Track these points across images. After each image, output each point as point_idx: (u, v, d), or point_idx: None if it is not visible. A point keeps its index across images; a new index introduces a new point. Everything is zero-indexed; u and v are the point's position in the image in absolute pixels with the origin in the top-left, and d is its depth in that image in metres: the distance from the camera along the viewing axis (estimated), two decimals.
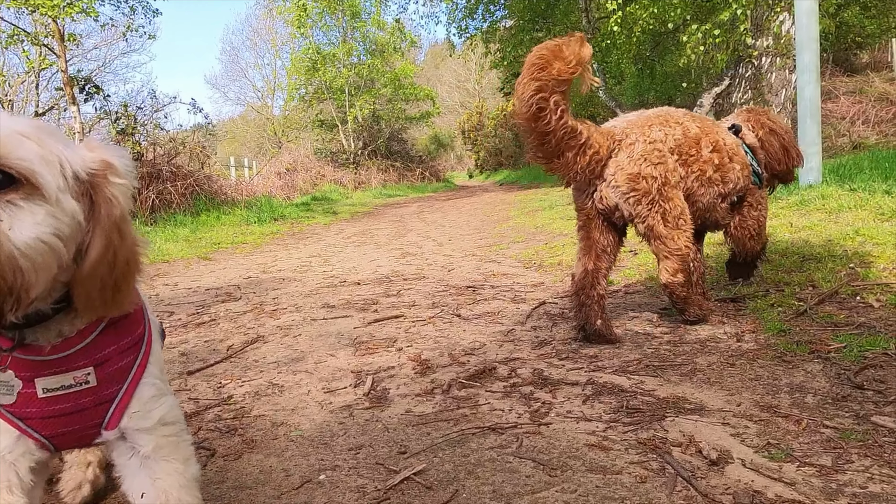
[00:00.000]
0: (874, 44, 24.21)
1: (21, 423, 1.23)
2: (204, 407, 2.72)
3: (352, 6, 28.08)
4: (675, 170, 3.14)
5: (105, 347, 1.26)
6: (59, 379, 1.22)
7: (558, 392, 2.56)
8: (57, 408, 1.23)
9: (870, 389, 2.31)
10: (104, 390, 1.27)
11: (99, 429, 1.29)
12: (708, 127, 3.35)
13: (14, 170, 1.00)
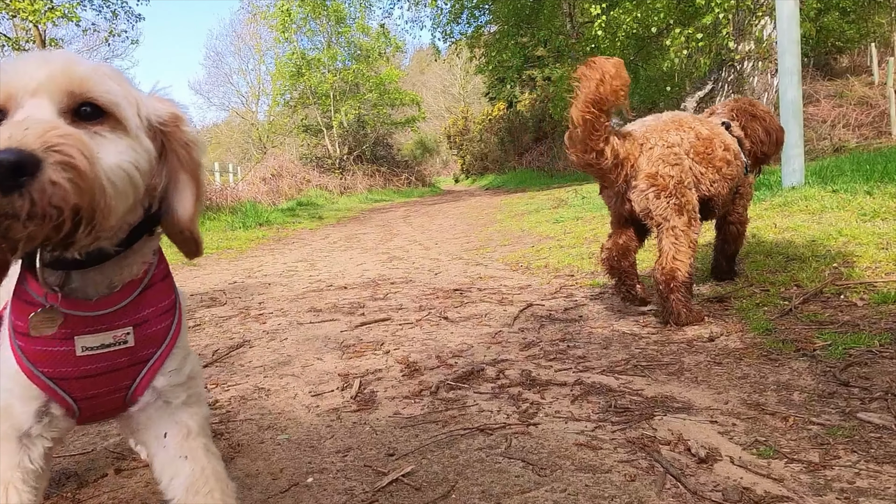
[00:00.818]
0: (853, 48, 24.54)
1: (54, 384, 1.22)
2: None
3: (336, 11, 28.07)
4: (691, 170, 3.41)
5: (144, 308, 1.29)
6: (100, 337, 1.24)
7: (546, 392, 2.56)
8: (93, 367, 1.24)
9: (855, 386, 2.32)
10: (140, 351, 1.29)
11: (125, 394, 1.31)
12: (715, 128, 3.62)
13: (101, 103, 1.07)
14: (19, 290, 1.22)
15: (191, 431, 1.37)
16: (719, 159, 3.51)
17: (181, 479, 1.34)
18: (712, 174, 3.49)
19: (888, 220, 4.84)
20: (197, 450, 1.36)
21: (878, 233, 4.50)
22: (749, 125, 3.91)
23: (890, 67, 19.50)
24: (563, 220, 9.04)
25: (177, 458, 1.35)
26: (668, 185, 3.30)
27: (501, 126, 31.87)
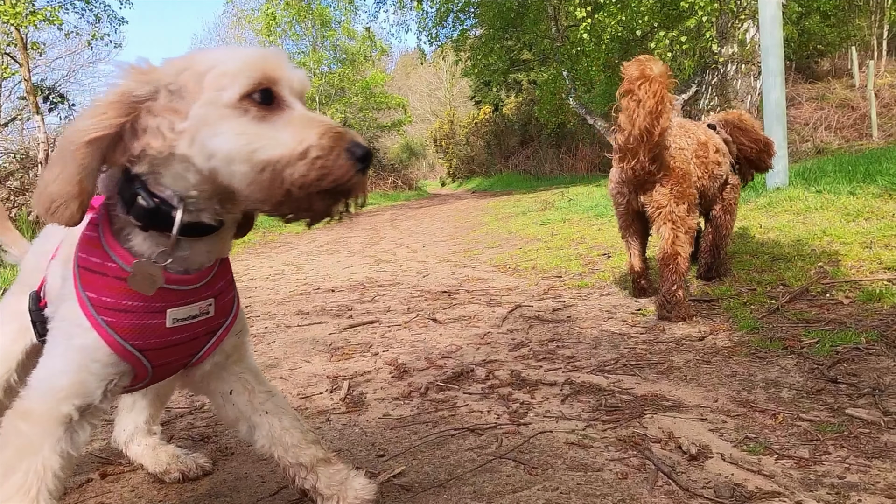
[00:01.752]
0: (834, 52, 24.82)
1: (141, 355, 1.29)
2: (175, 416, 2.66)
3: (321, 15, 28.00)
4: (695, 170, 3.72)
5: (219, 281, 1.40)
6: (188, 309, 1.33)
7: (536, 392, 2.55)
8: (177, 337, 1.34)
9: (843, 383, 2.33)
10: (216, 320, 1.42)
11: (191, 359, 1.43)
12: (708, 133, 4.01)
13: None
14: (100, 266, 1.25)
15: (253, 388, 1.58)
16: (712, 161, 3.89)
17: (263, 432, 1.59)
18: (705, 172, 3.84)
19: (871, 219, 4.89)
20: (266, 403, 1.59)
21: (861, 232, 4.55)
22: (734, 133, 4.27)
23: (870, 70, 19.73)
24: (549, 223, 9.07)
25: (252, 415, 1.58)
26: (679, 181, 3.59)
27: (487, 129, 31.94)
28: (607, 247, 6.11)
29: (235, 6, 31.72)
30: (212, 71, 1.18)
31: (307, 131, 1.16)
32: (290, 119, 1.19)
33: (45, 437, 1.24)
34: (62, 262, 1.36)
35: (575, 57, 17.88)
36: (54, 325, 1.31)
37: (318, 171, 1.14)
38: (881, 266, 3.80)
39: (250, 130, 1.16)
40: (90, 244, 1.27)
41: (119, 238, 1.28)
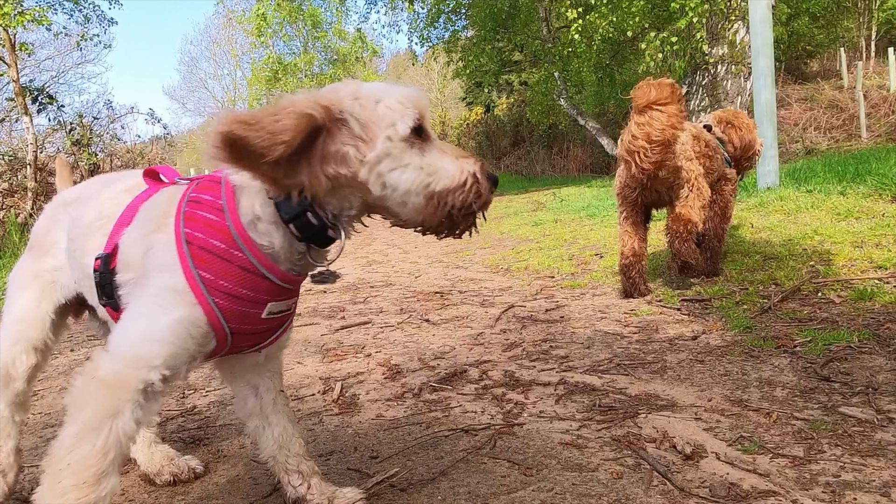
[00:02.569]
0: (823, 53, 24.98)
1: (230, 337, 1.38)
2: (166, 418, 2.63)
3: (313, 16, 27.96)
4: (697, 164, 4.01)
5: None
6: (281, 304, 1.46)
7: (530, 393, 2.54)
8: (262, 327, 1.45)
9: (836, 381, 2.34)
10: (287, 317, 1.55)
11: (253, 348, 1.53)
12: (704, 133, 4.30)
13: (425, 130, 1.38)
14: (225, 252, 1.35)
15: (275, 388, 1.69)
16: (705, 156, 4.15)
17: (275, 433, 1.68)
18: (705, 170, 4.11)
19: (861, 219, 4.91)
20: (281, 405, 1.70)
21: (852, 231, 4.57)
22: (727, 131, 4.57)
23: (859, 71, 19.86)
24: (542, 223, 9.07)
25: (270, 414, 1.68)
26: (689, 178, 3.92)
27: (479, 130, 31.93)
28: (599, 247, 6.12)
29: (226, 7, 31.62)
30: (380, 104, 1.34)
31: (464, 163, 1.40)
32: (442, 150, 1.41)
33: (127, 402, 1.27)
34: (144, 232, 1.42)
35: (566, 58, 17.92)
36: (143, 293, 1.36)
37: (474, 196, 1.39)
38: (872, 265, 3.81)
39: (423, 164, 1.36)
40: (213, 227, 1.35)
41: (250, 231, 1.37)
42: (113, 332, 1.36)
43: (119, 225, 1.50)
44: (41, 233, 1.80)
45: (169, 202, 1.43)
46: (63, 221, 1.75)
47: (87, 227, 1.60)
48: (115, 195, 1.60)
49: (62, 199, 1.83)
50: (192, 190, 1.43)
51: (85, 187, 1.80)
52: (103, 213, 1.58)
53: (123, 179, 1.68)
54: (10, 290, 1.79)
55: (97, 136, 14.62)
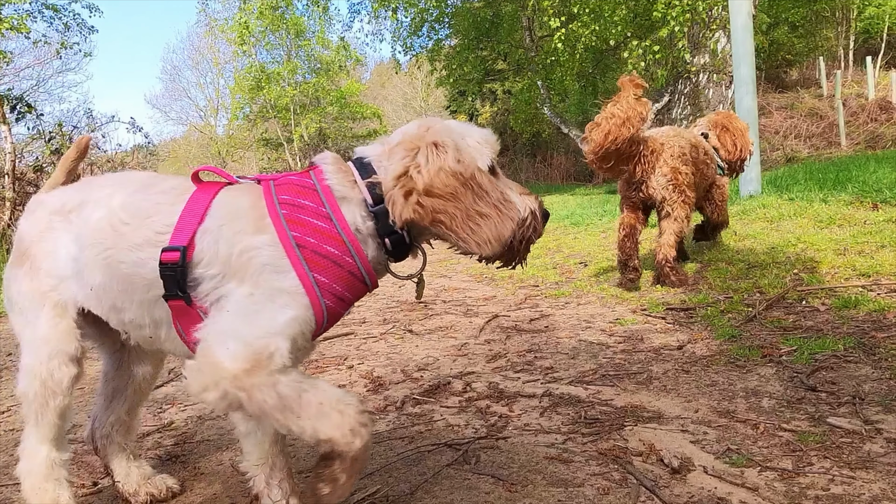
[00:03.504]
0: (803, 62, 25.30)
1: (325, 315, 1.45)
2: (143, 434, 2.56)
3: (296, 24, 27.87)
4: (691, 172, 4.32)
5: None
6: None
7: (515, 405, 2.50)
8: (340, 313, 1.52)
9: (823, 391, 2.32)
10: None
11: None
12: (699, 140, 4.63)
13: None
14: (339, 258, 1.46)
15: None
16: (700, 162, 4.45)
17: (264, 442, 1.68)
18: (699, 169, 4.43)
19: (844, 226, 4.93)
20: None
21: (834, 239, 4.58)
22: (721, 135, 4.89)
23: (838, 80, 20.12)
24: None
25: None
26: (681, 183, 4.23)
27: None
28: (584, 255, 6.10)
29: (208, 16, 31.46)
30: (464, 141, 1.54)
31: (526, 199, 1.58)
32: (509, 186, 1.59)
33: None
34: (235, 231, 1.45)
35: (549, 67, 17.98)
36: (249, 292, 1.41)
37: (533, 230, 1.58)
38: (855, 272, 3.82)
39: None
40: (324, 234, 1.45)
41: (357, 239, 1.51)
42: (218, 328, 1.39)
43: (187, 221, 1.49)
44: (31, 242, 1.70)
45: (255, 204, 1.48)
46: (61, 230, 1.67)
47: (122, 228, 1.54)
48: (156, 195, 1.58)
49: (56, 206, 1.71)
50: (279, 193, 1.49)
51: (84, 193, 1.68)
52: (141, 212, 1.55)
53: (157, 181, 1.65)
54: (20, 311, 1.71)
55: None
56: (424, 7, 19.71)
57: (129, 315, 1.58)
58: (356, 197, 1.50)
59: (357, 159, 1.59)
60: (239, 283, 1.42)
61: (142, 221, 1.53)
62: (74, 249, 1.62)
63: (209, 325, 1.41)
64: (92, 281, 1.58)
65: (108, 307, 1.60)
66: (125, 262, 1.52)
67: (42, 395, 1.66)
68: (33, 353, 1.67)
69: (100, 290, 1.59)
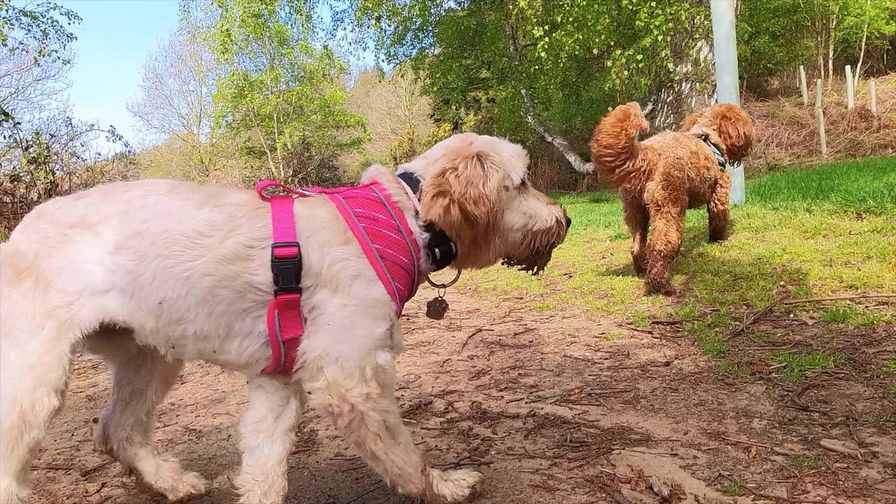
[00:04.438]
0: (783, 70, 25.53)
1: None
2: (109, 460, 2.44)
3: (279, 33, 27.74)
4: (688, 177, 4.58)
5: None
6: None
7: (498, 426, 2.41)
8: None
9: (815, 411, 2.25)
10: None
11: None
12: (698, 144, 4.89)
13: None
14: (409, 266, 1.64)
15: (293, 428, 1.78)
16: (702, 167, 4.74)
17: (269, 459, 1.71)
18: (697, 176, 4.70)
19: (829, 236, 4.90)
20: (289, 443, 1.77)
21: (821, 250, 4.54)
22: (723, 125, 5.22)
23: (818, 89, 20.32)
24: None
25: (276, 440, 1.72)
26: (676, 187, 4.46)
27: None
28: (568, 266, 6.03)
29: (190, 23, 31.23)
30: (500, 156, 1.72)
31: (552, 208, 1.80)
32: (537, 196, 1.80)
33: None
34: (323, 241, 1.56)
35: (533, 75, 18.00)
36: (346, 300, 1.53)
37: (557, 236, 1.80)
38: (843, 284, 3.77)
39: (525, 208, 1.77)
40: (398, 246, 1.62)
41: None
42: (323, 345, 1.52)
43: (282, 230, 1.56)
44: (36, 258, 1.58)
45: (336, 216, 1.61)
46: (85, 243, 1.57)
47: (204, 241, 1.54)
48: (230, 208, 1.59)
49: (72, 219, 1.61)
50: (352, 206, 1.63)
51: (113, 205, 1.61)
52: (219, 226, 1.56)
53: (217, 192, 1.65)
54: (5, 333, 1.56)
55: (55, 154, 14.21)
56: (408, 16, 19.69)
57: (194, 328, 1.56)
58: (411, 207, 1.67)
59: (404, 174, 1.74)
60: (332, 293, 1.53)
61: (225, 235, 1.54)
62: (115, 262, 1.54)
63: (313, 341, 1.53)
64: (160, 294, 1.53)
65: (169, 320, 1.56)
66: (213, 274, 1.52)
67: (18, 427, 1.53)
68: (16, 379, 1.53)
69: (168, 303, 1.54)
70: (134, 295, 1.54)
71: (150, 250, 1.53)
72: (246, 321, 1.56)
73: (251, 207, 1.60)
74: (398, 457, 1.61)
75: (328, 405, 1.52)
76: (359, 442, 1.58)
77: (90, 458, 2.48)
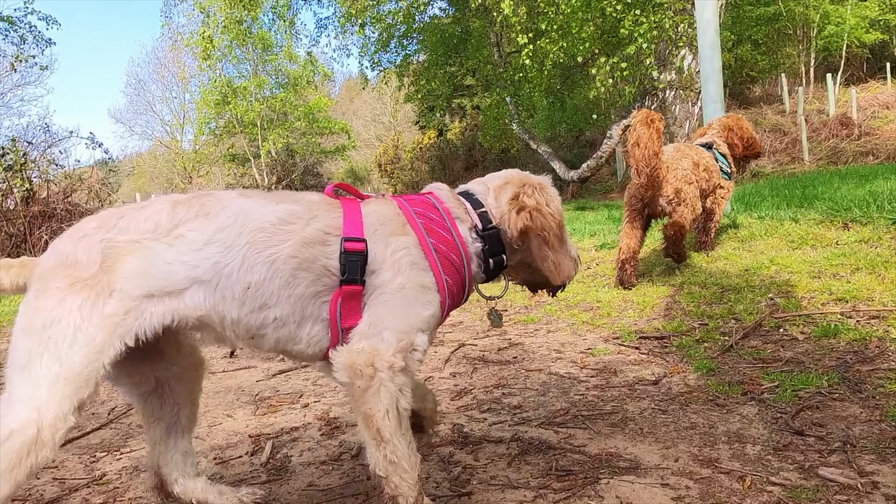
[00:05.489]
0: (765, 78, 25.72)
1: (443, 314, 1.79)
2: (69, 489, 2.31)
3: (262, 39, 27.56)
4: (694, 186, 4.89)
5: None
6: None
7: (480, 452, 2.30)
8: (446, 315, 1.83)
9: (811, 435, 2.15)
10: None
11: None
12: (698, 154, 5.13)
13: None
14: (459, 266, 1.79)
15: None
16: (700, 178, 5.02)
17: None
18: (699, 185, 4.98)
19: (817, 247, 4.84)
20: None
21: (808, 261, 4.47)
22: (728, 136, 5.54)
23: (800, 96, 20.45)
24: None
25: None
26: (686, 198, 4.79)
27: (432, 154, 31.84)
28: None
29: (172, 29, 30.99)
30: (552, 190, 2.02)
31: (573, 247, 2.03)
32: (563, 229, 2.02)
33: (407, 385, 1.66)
34: (386, 233, 1.72)
35: (517, 83, 17.96)
36: (401, 285, 1.67)
37: (577, 269, 2.04)
38: (832, 297, 3.70)
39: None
40: (449, 244, 1.78)
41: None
42: (376, 318, 1.64)
43: (352, 224, 1.70)
44: (102, 267, 1.56)
45: (398, 213, 1.77)
46: (160, 250, 1.59)
47: (288, 227, 1.66)
48: (307, 203, 1.73)
49: (146, 227, 1.62)
50: (411, 206, 1.80)
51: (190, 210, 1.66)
52: (300, 214, 1.69)
53: (287, 193, 1.79)
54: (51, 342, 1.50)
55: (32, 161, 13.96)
56: (392, 23, 19.59)
57: (277, 311, 1.65)
58: (468, 220, 1.86)
59: (464, 192, 1.95)
60: (393, 276, 1.67)
61: (306, 222, 1.68)
62: (200, 257, 1.60)
63: (367, 314, 1.66)
64: (248, 279, 1.61)
65: (254, 306, 1.63)
66: (296, 257, 1.64)
67: (28, 445, 1.44)
68: (43, 392, 1.47)
69: (255, 287, 1.62)
70: (220, 285, 1.61)
71: (238, 240, 1.62)
72: (316, 305, 1.67)
73: (325, 202, 1.76)
74: (400, 446, 1.61)
75: (352, 364, 1.59)
76: (368, 415, 1.60)
77: (48, 488, 2.34)
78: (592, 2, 14.00)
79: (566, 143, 25.38)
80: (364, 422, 1.62)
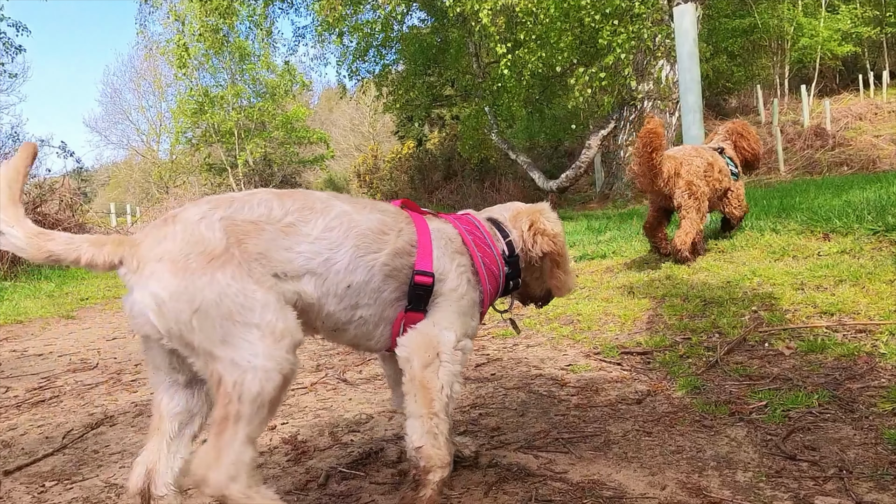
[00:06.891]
0: (741, 89, 26.00)
1: None
2: None
3: (240, 48, 27.35)
4: (705, 185, 5.27)
5: None
6: None
7: (455, 480, 2.16)
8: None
9: (804, 460, 2.04)
10: None
11: None
12: (713, 156, 5.54)
13: None
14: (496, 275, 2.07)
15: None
16: (714, 179, 5.39)
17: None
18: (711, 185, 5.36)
19: (798, 258, 4.77)
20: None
21: (790, 272, 4.40)
22: (738, 141, 5.94)
23: (775, 107, 20.66)
24: None
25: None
26: (696, 194, 5.19)
27: (411, 164, 31.74)
28: None
29: (147, 38, 30.63)
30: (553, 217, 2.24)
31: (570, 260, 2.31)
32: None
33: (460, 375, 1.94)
34: (451, 251, 1.97)
35: (496, 93, 17.93)
36: (457, 298, 1.93)
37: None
38: (816, 310, 3.62)
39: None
40: (491, 259, 2.04)
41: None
42: (441, 318, 1.89)
43: (425, 248, 1.91)
44: (229, 245, 1.61)
45: (459, 233, 2.03)
46: (275, 232, 1.67)
47: (383, 237, 1.83)
48: (393, 216, 1.91)
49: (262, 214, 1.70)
50: (463, 225, 2.07)
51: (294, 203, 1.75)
52: (391, 226, 1.87)
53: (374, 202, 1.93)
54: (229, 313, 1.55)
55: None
56: (370, 32, 19.48)
57: (364, 311, 1.82)
58: (500, 245, 2.12)
59: (490, 219, 2.19)
60: (454, 287, 1.91)
61: (397, 234, 1.85)
62: (312, 250, 1.70)
63: (435, 314, 1.90)
64: (349, 279, 1.76)
65: (348, 304, 1.78)
66: (389, 265, 1.82)
67: (277, 398, 1.57)
68: (268, 348, 1.55)
69: (354, 288, 1.77)
70: (328, 280, 1.73)
71: (346, 241, 1.75)
72: (394, 309, 1.87)
73: (403, 216, 1.94)
74: (443, 423, 1.83)
75: (420, 344, 1.82)
76: (426, 387, 1.80)
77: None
78: (571, 12, 14.00)
79: (545, 153, 25.40)
80: (420, 393, 1.80)
